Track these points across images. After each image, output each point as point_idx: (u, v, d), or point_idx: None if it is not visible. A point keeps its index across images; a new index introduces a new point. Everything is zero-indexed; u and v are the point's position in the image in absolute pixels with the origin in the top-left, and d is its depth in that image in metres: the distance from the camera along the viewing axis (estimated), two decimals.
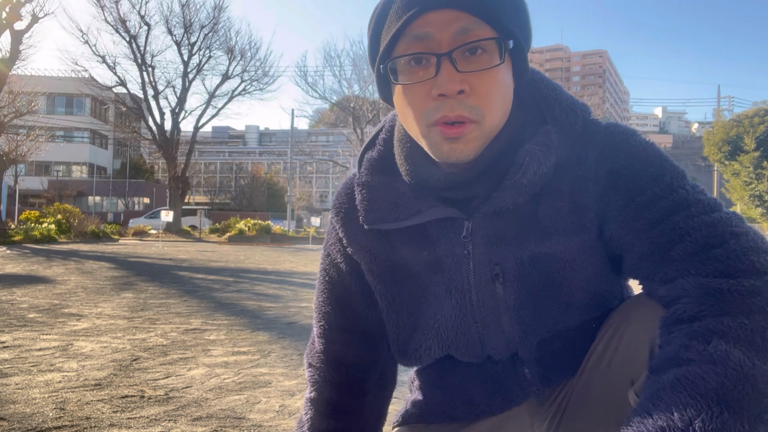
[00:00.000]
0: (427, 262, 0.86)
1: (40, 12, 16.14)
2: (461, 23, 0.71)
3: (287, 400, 2.22)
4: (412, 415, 1.00)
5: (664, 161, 0.77)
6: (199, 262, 10.95)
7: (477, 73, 0.71)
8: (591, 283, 0.82)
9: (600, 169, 0.78)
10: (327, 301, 0.96)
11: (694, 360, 0.57)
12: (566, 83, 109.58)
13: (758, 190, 31.42)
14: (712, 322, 0.60)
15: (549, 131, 0.78)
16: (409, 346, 0.92)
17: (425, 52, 0.72)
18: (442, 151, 0.75)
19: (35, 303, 4.83)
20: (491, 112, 0.73)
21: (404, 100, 0.76)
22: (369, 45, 0.80)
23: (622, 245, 0.77)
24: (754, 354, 0.55)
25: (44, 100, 32.58)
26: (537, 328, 0.84)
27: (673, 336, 0.63)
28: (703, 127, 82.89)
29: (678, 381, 0.55)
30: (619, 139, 0.79)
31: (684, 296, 0.65)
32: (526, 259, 0.81)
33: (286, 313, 4.68)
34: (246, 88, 31.22)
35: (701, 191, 0.74)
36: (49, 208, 20.84)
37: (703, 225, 0.69)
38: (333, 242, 0.96)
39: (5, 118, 18.18)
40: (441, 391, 0.97)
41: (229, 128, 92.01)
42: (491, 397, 0.91)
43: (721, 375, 0.54)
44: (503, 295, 0.83)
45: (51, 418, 1.92)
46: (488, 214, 0.80)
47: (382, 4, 0.77)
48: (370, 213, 0.85)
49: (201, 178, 65.47)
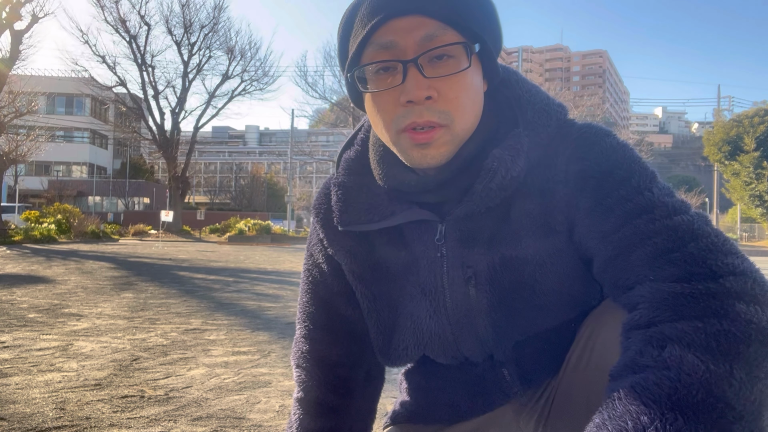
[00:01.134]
0: (404, 262, 0.86)
1: (40, 12, 16.17)
2: (426, 29, 0.70)
3: (287, 400, 2.22)
4: (399, 415, 1.01)
5: (633, 163, 0.76)
6: (199, 262, 10.95)
7: (445, 78, 0.71)
8: (564, 285, 0.81)
9: (570, 170, 0.78)
10: (311, 302, 0.97)
11: (649, 366, 0.56)
12: (566, 83, 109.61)
13: (758, 190, 31.43)
14: (666, 327, 0.59)
15: (519, 134, 0.78)
16: (390, 345, 0.92)
17: (391, 60, 0.71)
18: (412, 157, 0.75)
19: (35, 303, 4.83)
20: (461, 116, 0.73)
21: (374, 107, 0.76)
22: (338, 50, 0.80)
23: (589, 249, 0.77)
24: (709, 358, 0.54)
25: (44, 100, 32.58)
26: (510, 331, 0.84)
27: (630, 342, 0.62)
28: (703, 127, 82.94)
29: (632, 389, 0.54)
30: (591, 141, 0.78)
31: (641, 302, 0.65)
32: (498, 262, 0.80)
33: (286, 313, 4.68)
34: (246, 88, 31.28)
35: (668, 194, 0.73)
36: (49, 208, 20.84)
37: (664, 228, 0.68)
38: (315, 243, 0.97)
39: (5, 118, 18.17)
40: (425, 393, 0.97)
41: (229, 128, 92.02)
42: (473, 400, 0.91)
43: (675, 380, 0.52)
44: (476, 297, 0.83)
45: (51, 418, 1.92)
46: (461, 217, 0.80)
47: (349, 10, 0.77)
48: (344, 214, 0.85)
49: (201, 178, 65.46)
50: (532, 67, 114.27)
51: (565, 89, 61.51)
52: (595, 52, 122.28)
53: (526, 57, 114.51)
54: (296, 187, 59.89)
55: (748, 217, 32.49)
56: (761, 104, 35.26)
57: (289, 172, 37.85)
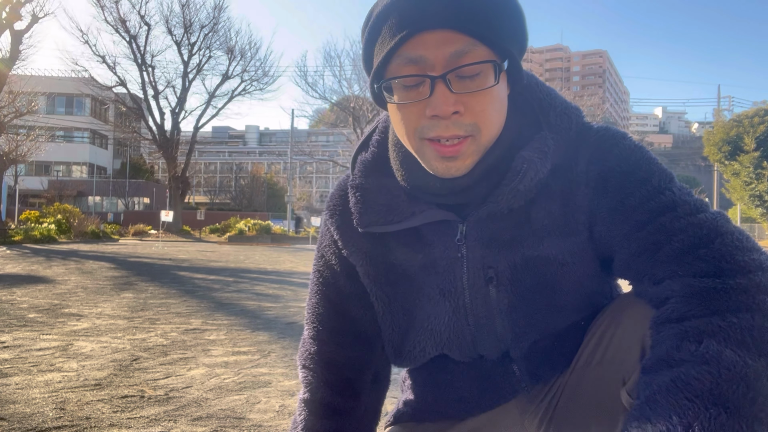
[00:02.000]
0: (422, 264, 0.86)
1: (40, 12, 16.17)
2: (456, 46, 0.69)
3: (287, 400, 2.22)
4: (403, 414, 1.01)
5: (652, 164, 0.78)
6: (199, 262, 10.95)
7: (472, 94, 0.71)
8: (583, 285, 0.83)
9: (591, 172, 0.79)
10: (320, 303, 0.97)
11: (687, 361, 0.57)
12: (566, 83, 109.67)
13: (758, 190, 31.41)
14: (701, 322, 0.60)
15: (546, 137, 0.79)
16: (404, 347, 0.92)
17: (419, 75, 0.71)
18: (436, 168, 0.75)
19: (35, 303, 4.83)
20: (487, 127, 0.74)
21: (398, 115, 0.76)
22: (363, 53, 0.79)
23: (611, 247, 0.78)
24: (746, 353, 0.56)
25: (44, 100, 32.57)
26: (529, 331, 0.85)
27: (662, 336, 0.64)
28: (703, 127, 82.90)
29: (673, 383, 0.56)
30: (610, 143, 0.80)
31: (672, 297, 0.66)
32: (519, 263, 0.82)
33: (286, 313, 4.68)
34: (246, 88, 31.28)
35: (688, 193, 0.75)
36: (49, 208, 20.85)
37: (689, 226, 0.70)
38: (327, 244, 0.96)
39: (5, 118, 18.18)
40: (432, 389, 0.97)
41: (229, 128, 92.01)
42: (481, 394, 0.92)
43: (716, 375, 0.54)
44: (496, 297, 0.83)
45: (51, 418, 1.92)
46: (483, 217, 0.80)
47: (377, 14, 0.74)
48: (364, 216, 0.85)
49: (201, 178, 65.45)
50: (532, 67, 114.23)
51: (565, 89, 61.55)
52: (595, 52, 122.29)
53: (526, 57, 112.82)
54: (296, 187, 59.88)
55: (748, 217, 32.47)
56: (761, 104, 35.25)
57: (289, 172, 37.86)
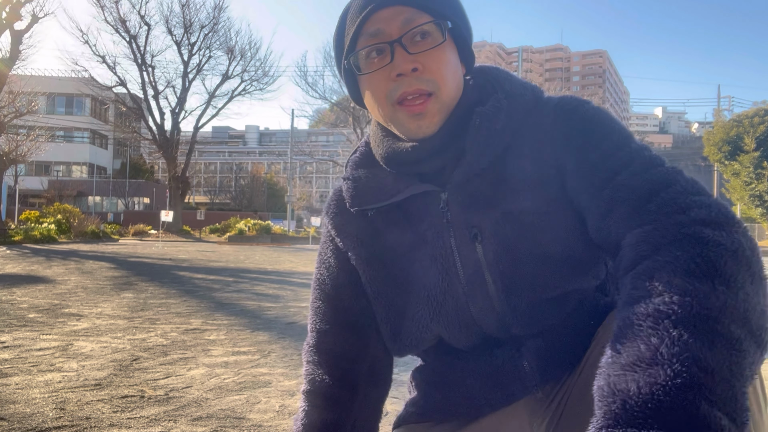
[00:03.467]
0: (412, 241, 0.93)
1: (40, 12, 16.17)
2: (405, 15, 0.85)
3: (287, 400, 2.23)
4: (411, 414, 1.02)
5: (612, 122, 0.86)
6: (199, 262, 10.95)
7: (426, 53, 0.84)
8: (568, 236, 0.87)
9: (555, 131, 0.87)
10: (318, 297, 1.03)
11: (644, 296, 0.62)
12: (566, 83, 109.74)
13: (758, 190, 31.44)
14: (649, 261, 0.65)
15: (498, 98, 0.89)
16: (402, 326, 0.96)
17: (379, 42, 0.85)
18: (409, 128, 0.87)
19: (35, 303, 4.83)
20: (445, 84, 0.85)
21: (369, 87, 0.89)
22: (334, 52, 0.94)
23: (581, 206, 0.84)
24: (694, 279, 0.60)
25: (44, 100, 32.62)
26: (518, 282, 0.88)
27: (622, 285, 0.68)
28: (703, 127, 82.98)
29: (635, 316, 0.60)
30: (573, 105, 0.88)
31: (625, 247, 0.71)
32: (500, 217, 0.88)
33: (286, 313, 4.68)
34: (246, 88, 31.28)
35: (645, 148, 0.82)
36: (49, 208, 20.85)
37: (643, 183, 0.76)
38: (325, 240, 1.05)
39: (5, 118, 18.18)
40: (440, 387, 0.98)
41: (229, 128, 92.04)
42: (491, 392, 0.92)
43: (670, 303, 0.59)
44: (483, 252, 0.89)
45: (51, 418, 1.92)
46: (460, 182, 0.89)
47: (340, 15, 0.91)
48: (355, 198, 0.96)
49: (201, 178, 65.47)
50: (532, 67, 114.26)
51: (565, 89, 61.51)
52: (595, 52, 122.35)
53: (526, 57, 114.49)
54: (296, 187, 59.85)
55: (749, 217, 32.48)
56: (761, 104, 35.28)
57: (289, 172, 37.86)
